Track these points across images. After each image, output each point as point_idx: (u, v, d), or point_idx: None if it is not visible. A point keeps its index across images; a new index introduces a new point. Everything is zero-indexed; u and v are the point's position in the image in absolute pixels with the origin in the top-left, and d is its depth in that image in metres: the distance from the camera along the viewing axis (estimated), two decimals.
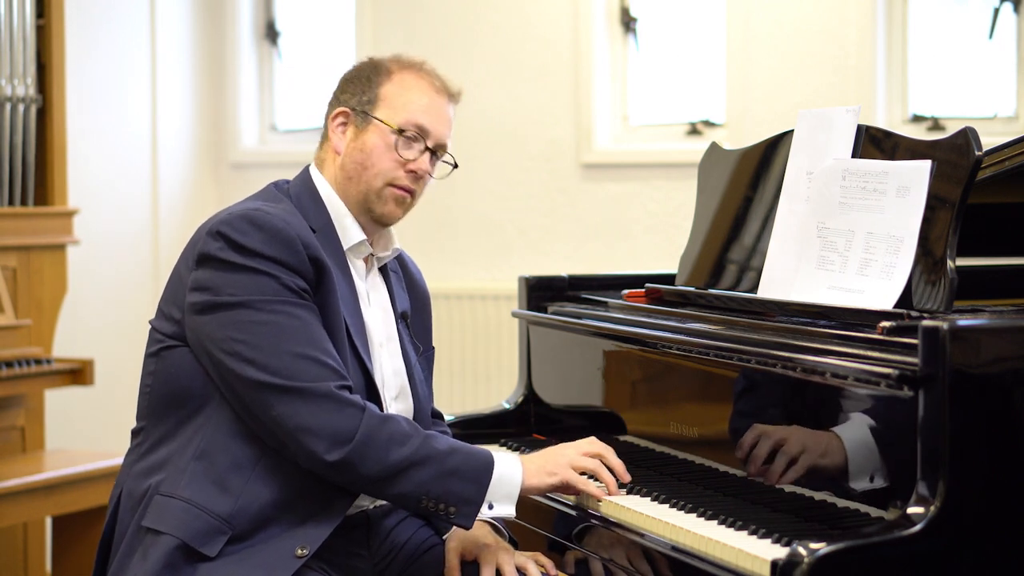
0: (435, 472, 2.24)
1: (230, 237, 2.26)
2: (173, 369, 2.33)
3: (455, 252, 5.41)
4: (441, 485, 2.25)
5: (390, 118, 2.42)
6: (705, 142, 3.88)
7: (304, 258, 2.28)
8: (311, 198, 2.41)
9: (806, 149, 2.58)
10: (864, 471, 2.14)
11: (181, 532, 2.22)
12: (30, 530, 4.41)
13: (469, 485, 2.26)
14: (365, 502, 2.41)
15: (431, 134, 2.44)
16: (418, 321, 2.58)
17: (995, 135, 3.38)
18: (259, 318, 2.24)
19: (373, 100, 2.43)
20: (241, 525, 2.24)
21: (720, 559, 2.10)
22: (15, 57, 4.34)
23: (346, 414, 2.23)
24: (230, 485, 2.25)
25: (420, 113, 2.44)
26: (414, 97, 2.44)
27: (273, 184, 2.46)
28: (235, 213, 2.30)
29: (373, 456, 2.22)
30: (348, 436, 2.22)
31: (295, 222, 2.32)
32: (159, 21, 5.57)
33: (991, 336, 2.02)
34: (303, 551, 2.24)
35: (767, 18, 4.78)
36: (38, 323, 4.42)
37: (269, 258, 2.26)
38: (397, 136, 2.41)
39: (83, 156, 5.11)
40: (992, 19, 4.48)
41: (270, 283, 2.25)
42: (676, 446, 2.57)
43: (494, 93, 5.32)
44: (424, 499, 2.25)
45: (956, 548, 1.97)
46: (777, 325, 2.39)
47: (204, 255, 2.28)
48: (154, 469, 2.30)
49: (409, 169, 2.42)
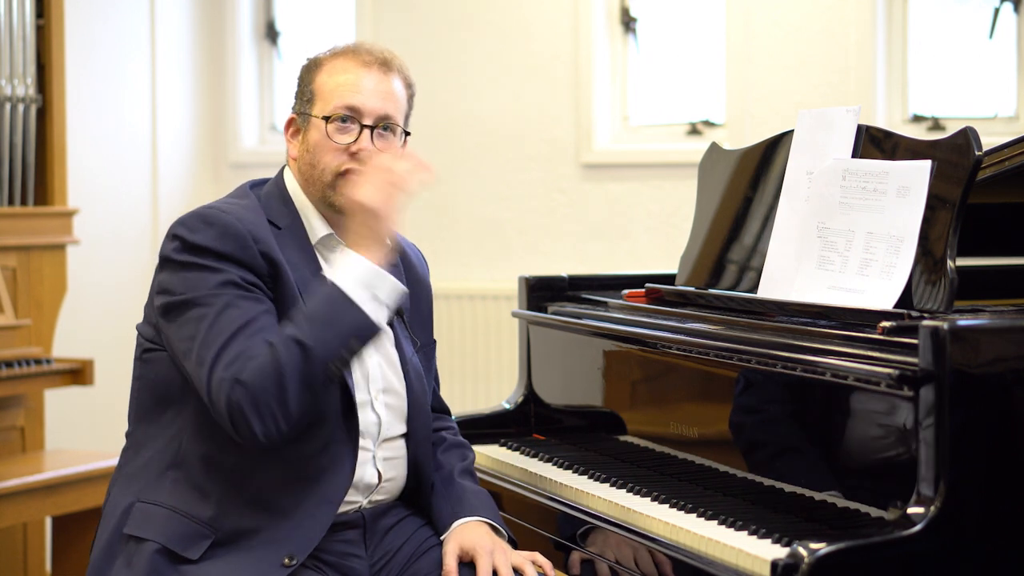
0: (313, 347, 2.18)
1: (183, 237, 2.29)
2: (154, 374, 2.35)
3: (455, 252, 5.41)
4: (326, 346, 2.19)
5: (321, 110, 2.40)
6: (705, 142, 3.89)
7: (255, 253, 2.28)
8: (280, 197, 2.42)
9: (806, 149, 2.58)
10: (864, 471, 2.14)
11: (163, 537, 2.24)
12: (30, 530, 4.41)
13: (339, 319, 2.21)
14: (359, 498, 2.39)
15: (362, 111, 2.39)
16: (416, 313, 2.56)
17: (995, 135, 3.37)
18: (202, 312, 2.24)
19: (311, 98, 2.43)
20: (224, 529, 2.25)
21: (720, 559, 2.10)
22: (15, 57, 4.33)
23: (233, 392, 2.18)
24: (209, 489, 2.27)
25: (348, 94, 2.39)
26: (340, 80, 2.41)
27: (249, 183, 2.47)
28: (191, 213, 2.32)
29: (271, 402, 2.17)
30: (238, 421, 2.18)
31: (250, 219, 2.32)
32: (159, 21, 5.56)
33: (991, 336, 2.02)
34: (291, 561, 2.24)
35: (767, 18, 4.78)
36: (38, 323, 4.42)
37: (219, 254, 2.26)
38: (327, 125, 2.39)
39: (83, 156, 5.11)
40: (992, 19, 4.48)
41: (215, 277, 2.25)
42: (676, 446, 2.57)
43: (494, 93, 5.31)
44: (332, 365, 2.21)
45: (956, 548, 1.97)
46: (777, 325, 2.39)
47: (162, 257, 2.32)
48: (139, 473, 2.33)
49: (351, 152, 2.38)
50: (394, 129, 2.43)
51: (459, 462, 2.54)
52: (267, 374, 2.18)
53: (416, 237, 5.39)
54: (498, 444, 2.95)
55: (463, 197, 5.38)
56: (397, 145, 2.43)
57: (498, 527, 2.43)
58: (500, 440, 2.97)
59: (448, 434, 2.61)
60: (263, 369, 2.18)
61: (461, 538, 2.38)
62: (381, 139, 2.41)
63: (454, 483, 2.49)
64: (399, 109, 2.44)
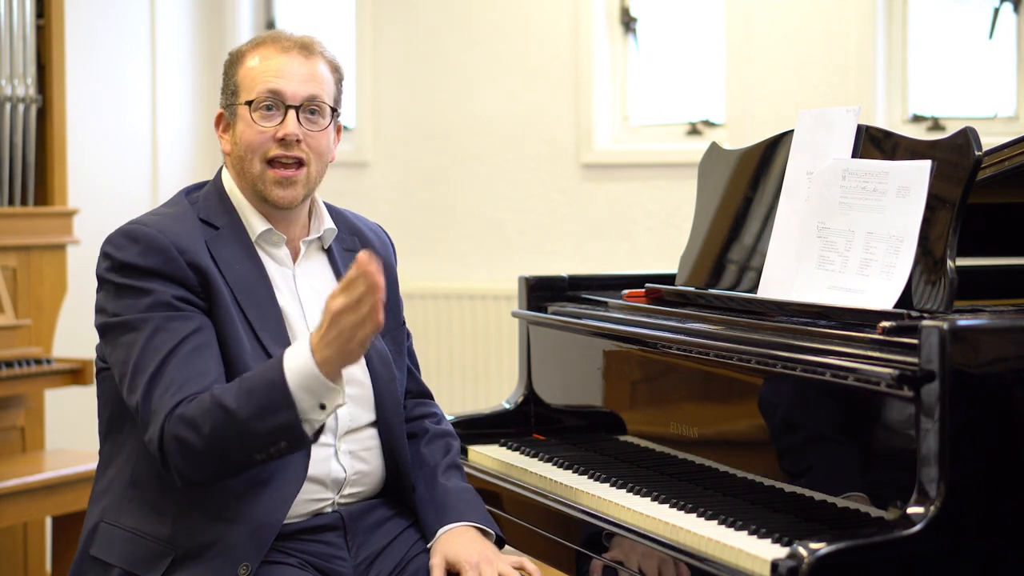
0: (240, 434, 2.13)
1: (111, 255, 2.30)
2: (109, 393, 2.36)
3: (455, 252, 5.41)
4: (254, 439, 2.13)
5: (245, 98, 2.38)
6: (705, 142, 3.88)
7: (182, 264, 2.27)
8: (218, 196, 2.41)
9: (806, 149, 2.58)
10: (864, 471, 2.14)
11: (125, 562, 2.27)
12: (30, 530, 4.41)
13: (275, 413, 2.12)
14: (330, 495, 2.37)
15: (286, 93, 2.36)
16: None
17: (995, 135, 3.38)
18: (132, 338, 2.24)
19: (235, 90, 2.41)
20: (183, 545, 2.25)
21: (720, 559, 2.10)
22: (15, 57, 4.34)
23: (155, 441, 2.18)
24: (164, 508, 2.27)
25: (270, 79, 2.36)
26: (261, 67, 2.38)
27: (185, 189, 2.46)
28: (118, 229, 2.33)
29: (195, 461, 2.17)
30: (164, 458, 2.19)
31: (176, 229, 2.30)
32: (159, 21, 5.56)
33: (991, 336, 2.02)
34: (244, 570, 2.23)
35: (767, 18, 4.78)
36: (38, 323, 4.42)
37: (146, 271, 2.26)
38: (251, 112, 2.36)
39: (83, 156, 5.11)
40: (992, 19, 4.48)
41: (145, 300, 2.25)
42: (676, 446, 2.57)
43: (494, 93, 5.32)
44: (256, 456, 2.16)
45: (956, 548, 1.97)
46: (777, 325, 2.39)
47: (98, 276, 2.33)
48: (105, 491, 2.35)
49: (278, 138, 2.35)
50: (321, 110, 2.39)
51: (442, 456, 2.52)
52: (194, 424, 2.16)
53: (416, 237, 5.43)
54: (498, 444, 2.95)
55: (463, 197, 5.38)
56: (326, 125, 2.39)
57: (485, 528, 2.41)
58: (500, 440, 2.96)
59: (430, 423, 2.58)
60: (193, 418, 2.16)
61: (446, 548, 2.36)
62: (309, 121, 2.37)
63: (437, 484, 2.46)
64: (325, 90, 2.39)
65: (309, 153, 2.37)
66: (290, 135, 2.35)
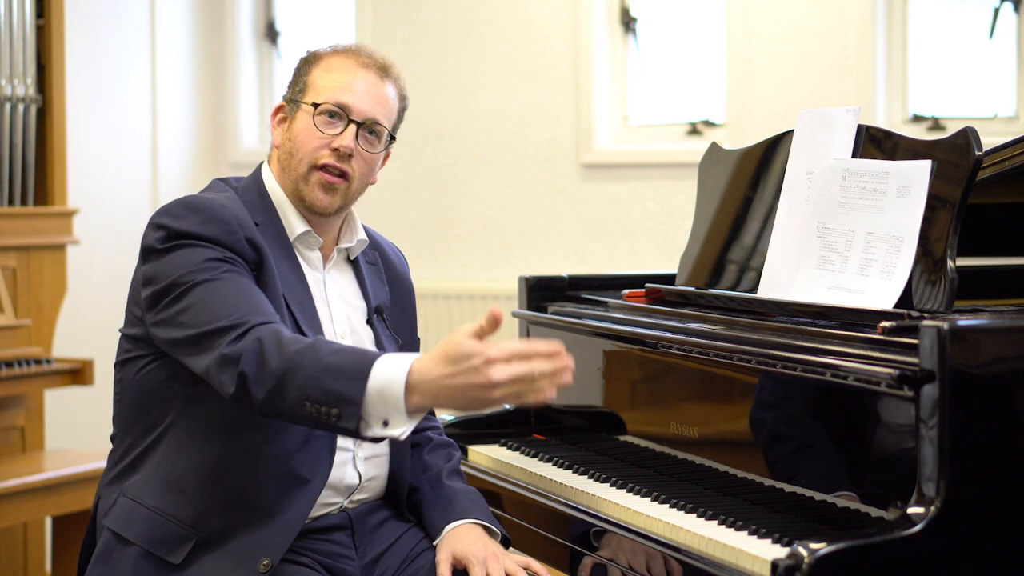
0: (311, 372, 2.07)
1: (167, 225, 2.26)
2: (137, 377, 2.34)
3: (455, 252, 5.41)
4: (318, 385, 2.06)
5: (313, 99, 2.39)
6: (705, 142, 3.89)
7: (241, 238, 2.26)
8: (257, 192, 2.40)
9: (806, 149, 2.58)
10: (864, 471, 2.14)
11: (146, 541, 2.25)
12: (30, 530, 4.41)
13: (346, 382, 2.05)
14: (340, 499, 2.38)
15: (353, 109, 2.37)
16: (398, 313, 2.54)
17: (995, 135, 3.38)
18: (186, 289, 2.20)
19: (303, 88, 2.41)
20: (206, 530, 2.24)
21: (720, 559, 2.10)
22: (15, 57, 4.34)
23: (236, 346, 2.13)
24: (191, 491, 2.26)
25: (342, 90, 2.38)
26: (337, 76, 2.39)
27: (220, 179, 2.45)
28: (173, 201, 2.30)
29: (261, 375, 2.11)
30: (235, 362, 2.12)
31: (233, 207, 2.30)
32: (159, 21, 5.56)
33: (991, 336, 2.02)
34: (265, 566, 2.23)
35: (767, 18, 4.78)
36: (38, 323, 4.42)
37: (205, 238, 2.24)
38: (315, 114, 2.37)
39: (83, 156, 5.11)
40: (992, 19, 4.48)
41: (203, 253, 2.22)
42: (676, 446, 2.57)
43: (494, 93, 5.32)
44: (307, 404, 2.07)
45: (956, 548, 1.97)
46: (777, 325, 2.39)
47: (146, 247, 2.29)
48: (124, 475, 2.33)
49: (333, 147, 2.36)
50: (379, 134, 2.42)
51: (446, 463, 2.54)
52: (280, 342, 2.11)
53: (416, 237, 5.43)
54: (498, 444, 2.95)
55: (463, 197, 5.38)
56: (380, 149, 2.42)
57: (491, 527, 2.43)
58: (500, 440, 2.96)
59: (433, 433, 2.60)
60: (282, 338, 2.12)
61: (453, 545, 2.37)
62: (365, 140, 2.40)
63: (443, 485, 2.48)
64: (388, 115, 2.42)
65: (356, 170, 2.39)
66: (345, 148, 2.36)
